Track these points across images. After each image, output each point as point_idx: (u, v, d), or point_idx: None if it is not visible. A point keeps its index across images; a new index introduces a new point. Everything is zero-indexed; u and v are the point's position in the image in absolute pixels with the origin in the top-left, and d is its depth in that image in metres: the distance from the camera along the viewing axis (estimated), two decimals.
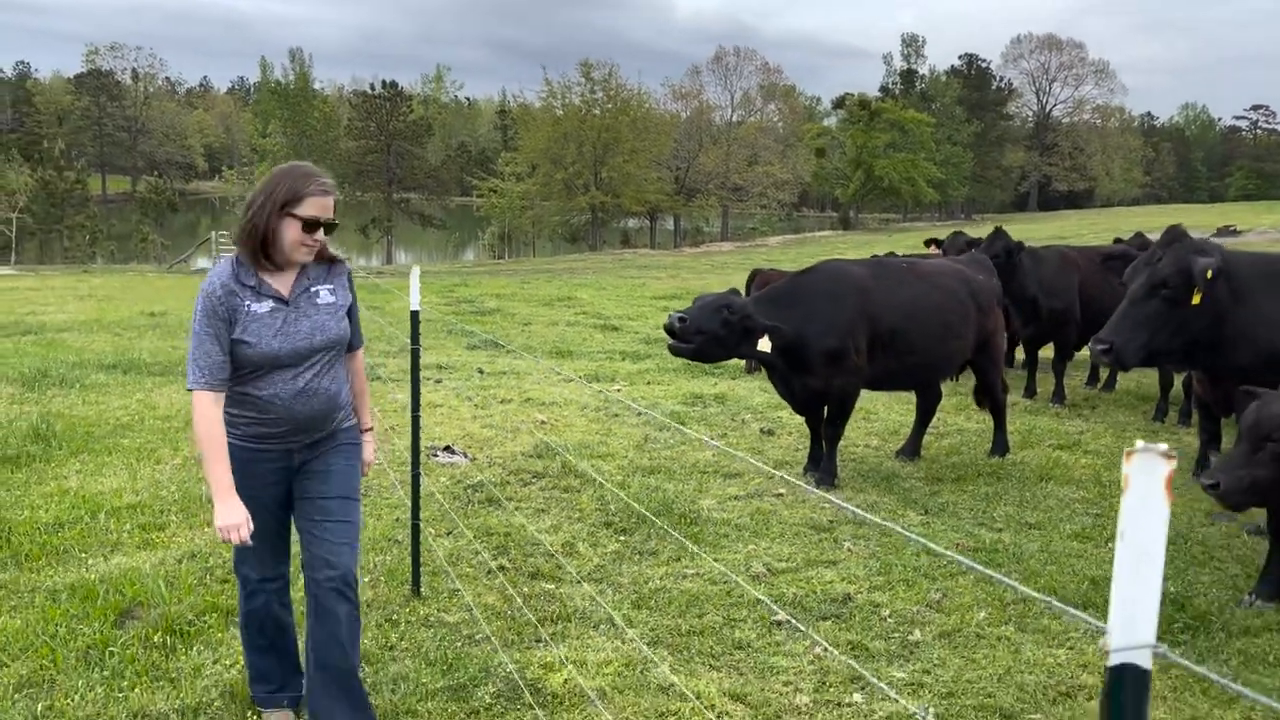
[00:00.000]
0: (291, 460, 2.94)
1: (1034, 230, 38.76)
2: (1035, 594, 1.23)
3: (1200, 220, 45.09)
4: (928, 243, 10.16)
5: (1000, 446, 6.47)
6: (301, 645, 3.07)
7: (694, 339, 5.36)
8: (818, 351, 5.57)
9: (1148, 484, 0.88)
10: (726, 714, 3.19)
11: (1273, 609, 4.04)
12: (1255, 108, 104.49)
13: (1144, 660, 0.89)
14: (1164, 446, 0.86)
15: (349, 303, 2.99)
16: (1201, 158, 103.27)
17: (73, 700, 3.19)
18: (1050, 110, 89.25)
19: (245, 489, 2.77)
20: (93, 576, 4.13)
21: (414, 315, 4.11)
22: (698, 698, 3.25)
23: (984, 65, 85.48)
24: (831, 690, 3.36)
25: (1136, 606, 0.88)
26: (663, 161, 55.56)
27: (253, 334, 2.76)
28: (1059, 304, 8.18)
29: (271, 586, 3.05)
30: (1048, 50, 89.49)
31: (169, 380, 8.64)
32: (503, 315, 15.49)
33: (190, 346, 2.78)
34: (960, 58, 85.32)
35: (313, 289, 2.89)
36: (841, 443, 6.92)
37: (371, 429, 3.21)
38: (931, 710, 3.19)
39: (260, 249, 2.77)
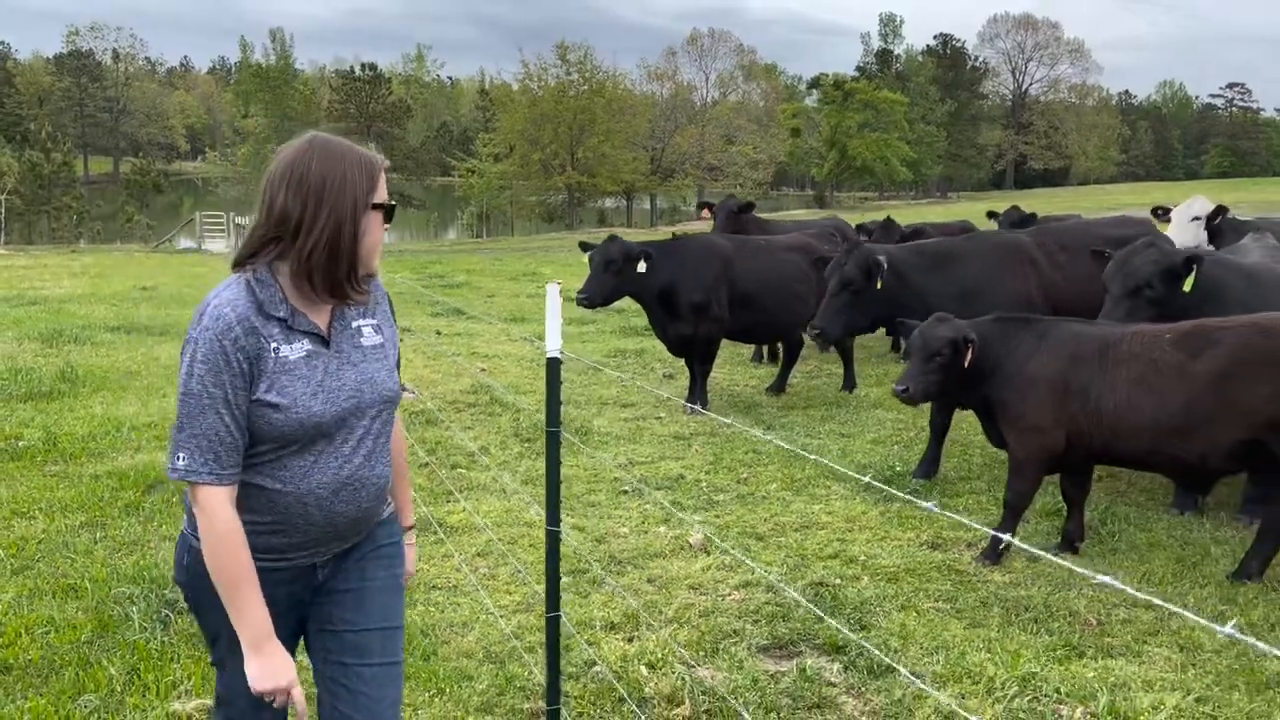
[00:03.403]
0: (314, 577, 2.08)
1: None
2: (804, 453, 2.71)
3: (1170, 198, 46.72)
4: (699, 206, 11.09)
5: (849, 383, 7.98)
6: None
7: (598, 300, 7.01)
8: (687, 303, 7.06)
9: (552, 295, 2.34)
10: (568, 535, 4.69)
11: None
12: (1231, 85, 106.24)
13: (556, 354, 2.38)
14: (558, 283, 2.35)
15: (395, 343, 2.14)
16: (1178, 136, 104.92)
17: (120, 531, 4.66)
18: (1026, 89, 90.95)
19: None
20: (124, 466, 5.59)
21: None
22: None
23: (959, 45, 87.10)
24: (646, 525, 4.88)
25: (551, 337, 2.35)
26: (638, 142, 56.86)
27: (284, 392, 1.90)
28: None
29: None
30: (1023, 30, 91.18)
31: (167, 339, 10.06)
32: (470, 288, 16.93)
33: (180, 417, 1.86)
34: (935, 37, 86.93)
35: (354, 324, 2.04)
36: (726, 381, 8.43)
37: (413, 527, 2.34)
38: None
39: (350, 272, 1.94)
